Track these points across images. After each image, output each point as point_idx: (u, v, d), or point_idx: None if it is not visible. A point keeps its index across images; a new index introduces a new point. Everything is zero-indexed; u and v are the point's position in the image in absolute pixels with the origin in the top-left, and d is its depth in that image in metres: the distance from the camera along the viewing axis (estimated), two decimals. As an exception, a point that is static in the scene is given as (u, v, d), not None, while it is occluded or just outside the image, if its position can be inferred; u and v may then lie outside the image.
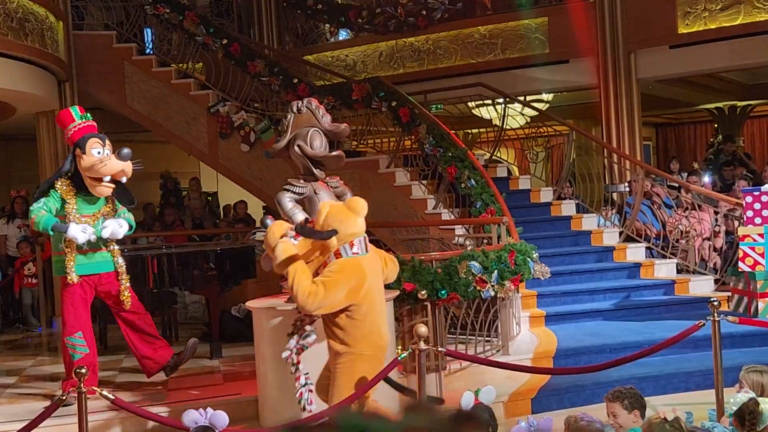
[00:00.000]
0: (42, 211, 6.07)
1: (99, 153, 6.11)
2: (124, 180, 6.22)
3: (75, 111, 6.44)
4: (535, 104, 12.60)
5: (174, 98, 11.14)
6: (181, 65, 11.42)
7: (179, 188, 13.62)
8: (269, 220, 5.68)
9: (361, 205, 4.91)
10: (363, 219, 4.93)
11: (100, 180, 6.15)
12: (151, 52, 11.79)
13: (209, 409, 3.72)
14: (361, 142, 10.67)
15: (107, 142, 6.22)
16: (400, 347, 6.57)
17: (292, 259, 4.74)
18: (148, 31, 12.21)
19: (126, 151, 6.15)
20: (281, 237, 4.86)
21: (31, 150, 11.43)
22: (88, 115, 6.44)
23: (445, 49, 12.56)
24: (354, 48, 13.32)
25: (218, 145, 10.95)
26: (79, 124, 6.31)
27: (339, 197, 6.23)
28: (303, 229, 4.86)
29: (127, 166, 6.16)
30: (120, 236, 6.30)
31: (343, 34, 14.06)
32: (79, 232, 6.02)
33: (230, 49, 10.96)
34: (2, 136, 13.63)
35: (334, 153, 6.20)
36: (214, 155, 11.05)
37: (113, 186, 6.26)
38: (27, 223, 11.04)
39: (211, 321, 8.17)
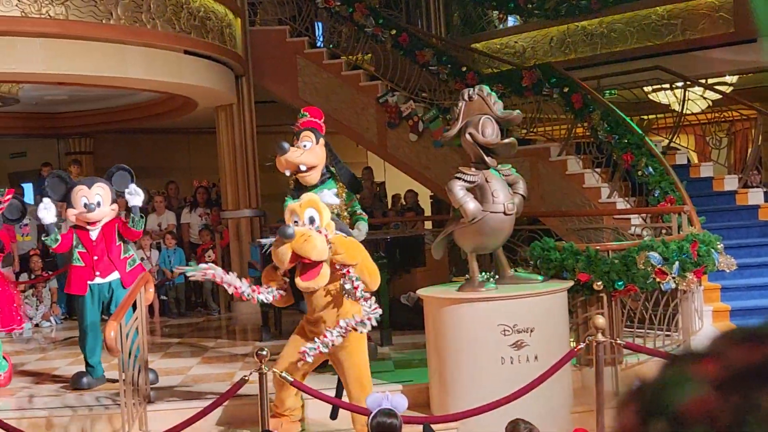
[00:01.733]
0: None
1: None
2: (303, 168, 6.36)
3: None
4: (717, 87, 11.92)
5: (343, 89, 11.33)
6: (350, 57, 11.60)
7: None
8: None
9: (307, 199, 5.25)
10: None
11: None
12: (322, 45, 12.06)
13: (388, 393, 3.72)
14: (531, 129, 10.46)
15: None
16: (573, 339, 6.39)
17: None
18: (319, 24, 12.49)
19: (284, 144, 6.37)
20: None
21: (210, 143, 11.96)
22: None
23: (620, 32, 12.09)
24: (523, 34, 13.09)
25: (387, 135, 11.05)
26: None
27: (511, 185, 6.13)
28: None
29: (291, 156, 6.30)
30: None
31: (511, 21, 13.84)
32: None
33: (399, 40, 11.02)
34: (184, 129, 14.36)
35: (507, 140, 6.09)
36: (383, 145, 11.16)
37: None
38: (208, 212, 11.59)
39: (381, 308, 8.22)
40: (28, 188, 13.12)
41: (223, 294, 11.10)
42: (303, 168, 6.30)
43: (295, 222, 5.15)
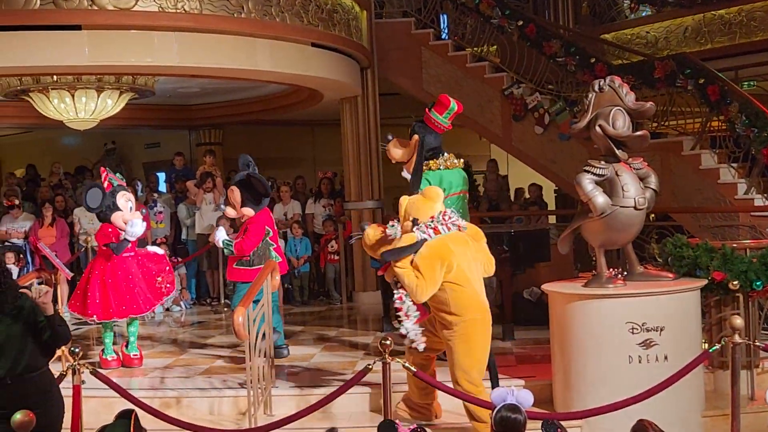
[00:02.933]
0: None
1: None
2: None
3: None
4: None
5: (468, 82, 11.25)
6: (475, 49, 11.51)
7: (470, 171, 13.79)
8: (366, 225, 5.94)
9: (436, 192, 5.53)
10: (440, 203, 5.47)
11: None
12: (447, 37, 12.01)
13: (514, 388, 3.66)
14: (662, 122, 10.09)
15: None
16: (705, 341, 6.14)
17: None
18: (444, 16, 12.45)
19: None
20: (376, 241, 5.46)
21: (334, 134, 12.11)
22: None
23: (761, 20, 11.53)
24: (656, 24, 12.67)
25: (512, 128, 10.91)
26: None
27: (642, 179, 5.94)
28: (392, 254, 5.24)
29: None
30: None
31: (644, 10, 13.42)
32: None
33: (525, 31, 10.85)
34: (309, 121, 14.60)
35: (639, 133, 5.91)
36: (508, 138, 11.03)
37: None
38: (332, 203, 11.75)
39: (504, 303, 8.15)
40: (161, 177, 13.64)
41: (344, 284, 11.25)
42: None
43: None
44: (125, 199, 7.34)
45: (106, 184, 7.39)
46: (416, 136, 6.50)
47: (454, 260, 5.26)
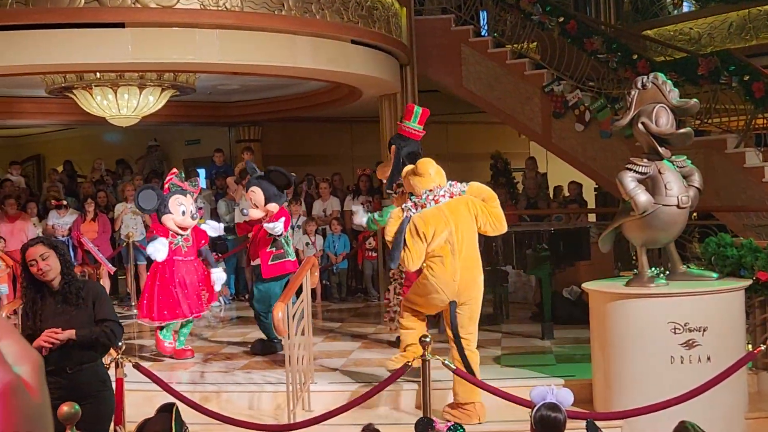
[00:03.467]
0: None
1: None
2: None
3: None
4: None
5: (508, 78, 11.18)
6: (515, 46, 11.44)
7: (509, 169, 13.73)
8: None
9: (424, 167, 5.90)
10: (432, 175, 5.86)
11: None
12: (486, 33, 11.95)
13: (554, 387, 3.63)
14: (706, 120, 9.95)
15: None
16: (749, 341, 6.04)
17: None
18: (484, 13, 12.39)
19: None
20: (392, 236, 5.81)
21: (372, 131, 12.11)
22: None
23: (808, 16, 11.32)
24: (699, 20, 12.48)
25: (551, 125, 10.82)
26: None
27: (685, 177, 5.86)
28: (393, 259, 5.88)
29: None
30: None
31: (687, 6, 13.23)
32: None
33: (566, 27, 10.75)
34: (347, 118, 14.62)
35: (682, 130, 5.83)
36: (547, 135, 10.94)
37: None
38: (370, 200, 11.75)
39: (543, 301, 8.09)
40: (202, 173, 13.76)
41: (382, 281, 11.25)
42: None
43: None
44: (178, 203, 7.37)
45: (166, 187, 7.46)
46: (393, 147, 7.18)
47: (429, 230, 5.68)
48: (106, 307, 4.46)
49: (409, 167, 6.13)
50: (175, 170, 7.81)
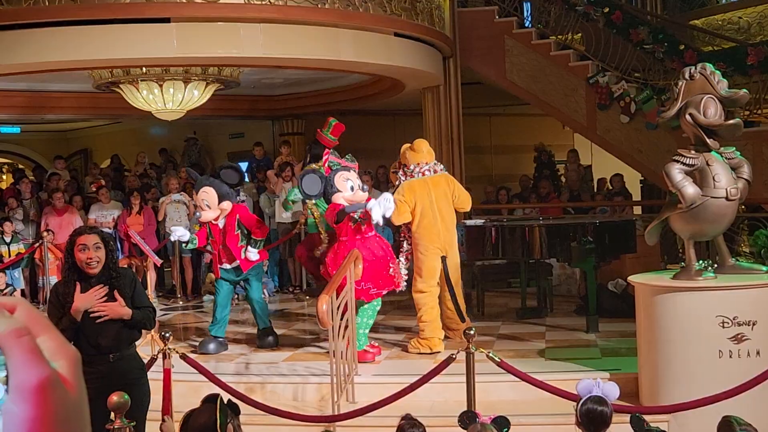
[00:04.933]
0: None
1: None
2: None
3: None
4: None
5: (552, 70, 11.08)
6: (559, 37, 11.33)
7: (553, 161, 13.62)
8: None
9: (418, 145, 7.58)
10: (424, 153, 7.52)
11: None
12: (530, 25, 11.86)
13: (599, 380, 3.60)
14: (755, 110, 9.76)
15: None
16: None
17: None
18: (528, 4, 12.29)
19: None
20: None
21: (415, 124, 12.09)
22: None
23: None
24: (749, 9, 12.21)
25: (596, 117, 10.70)
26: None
27: (734, 169, 5.76)
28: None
29: None
30: None
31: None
32: None
33: (612, 17, 10.62)
34: (390, 111, 14.61)
35: (731, 121, 5.73)
36: (592, 127, 10.83)
37: None
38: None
39: (588, 295, 8.03)
40: (244, 167, 13.86)
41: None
42: None
43: None
44: (344, 179, 7.09)
45: (325, 168, 7.46)
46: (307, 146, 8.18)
47: (413, 196, 7.25)
48: (143, 295, 4.68)
49: (406, 145, 7.61)
50: (328, 150, 7.75)
